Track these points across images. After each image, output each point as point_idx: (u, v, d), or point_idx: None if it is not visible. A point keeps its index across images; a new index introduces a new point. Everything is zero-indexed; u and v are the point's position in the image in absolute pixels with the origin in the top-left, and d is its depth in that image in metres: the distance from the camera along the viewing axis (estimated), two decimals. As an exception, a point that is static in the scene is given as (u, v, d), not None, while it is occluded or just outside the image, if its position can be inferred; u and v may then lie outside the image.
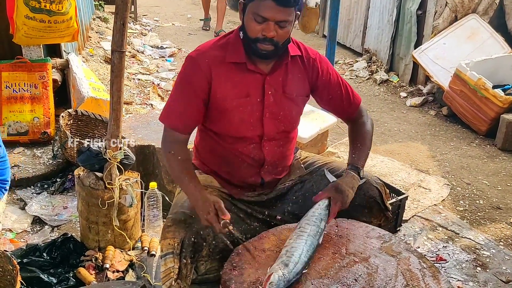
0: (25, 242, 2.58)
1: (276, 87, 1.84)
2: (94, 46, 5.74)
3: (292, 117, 1.93)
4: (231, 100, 1.80)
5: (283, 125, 1.90)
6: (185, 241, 1.66)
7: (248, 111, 1.82)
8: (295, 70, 1.87)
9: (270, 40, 1.70)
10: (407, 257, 1.70)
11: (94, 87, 3.71)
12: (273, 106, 1.84)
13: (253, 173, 1.94)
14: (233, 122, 1.83)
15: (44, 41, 3.59)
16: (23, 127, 3.53)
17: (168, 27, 8.66)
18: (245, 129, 1.85)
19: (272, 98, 1.83)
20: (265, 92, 1.82)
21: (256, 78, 1.81)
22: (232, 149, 1.89)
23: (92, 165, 2.41)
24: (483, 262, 2.54)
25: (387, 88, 5.54)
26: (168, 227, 1.71)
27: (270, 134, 1.88)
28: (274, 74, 1.83)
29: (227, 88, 1.79)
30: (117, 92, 2.27)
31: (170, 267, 1.67)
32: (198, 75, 1.78)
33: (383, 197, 1.94)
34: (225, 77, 1.79)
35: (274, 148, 1.92)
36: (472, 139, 4.17)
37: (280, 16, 1.66)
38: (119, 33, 2.18)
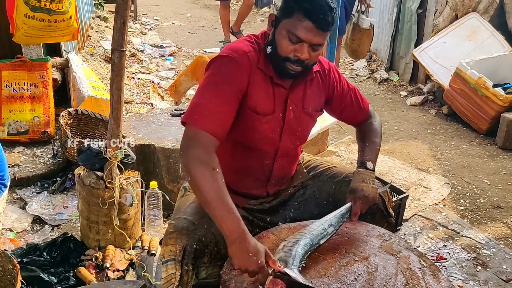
0: (25, 242, 2.58)
1: (296, 102, 1.77)
2: (94, 45, 5.74)
3: (307, 132, 1.90)
4: (261, 114, 1.72)
5: (298, 141, 1.88)
6: (187, 248, 1.64)
7: (270, 127, 1.76)
8: (313, 85, 1.82)
9: (301, 61, 1.62)
10: (407, 256, 1.70)
11: (94, 86, 3.71)
12: (292, 122, 1.79)
13: (258, 186, 1.92)
14: (256, 136, 1.75)
15: (44, 40, 3.59)
16: (23, 126, 3.53)
17: (168, 26, 8.66)
18: (264, 143, 1.79)
19: (293, 114, 1.77)
20: (287, 107, 1.76)
21: (281, 92, 1.75)
22: (244, 160, 1.83)
23: (93, 164, 2.41)
24: (483, 261, 2.54)
25: (387, 87, 5.53)
26: (170, 233, 1.69)
27: (285, 150, 1.84)
28: (295, 90, 1.77)
29: (259, 96, 1.69)
30: (118, 91, 2.26)
31: (171, 274, 1.65)
32: (241, 75, 1.65)
33: (386, 204, 1.93)
34: (259, 83, 1.69)
35: (285, 164, 1.90)
36: (473, 138, 4.17)
37: (317, 39, 1.58)
38: (119, 32, 2.18)
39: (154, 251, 2.47)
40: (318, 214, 1.84)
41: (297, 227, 1.81)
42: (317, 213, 1.86)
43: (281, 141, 1.81)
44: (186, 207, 1.78)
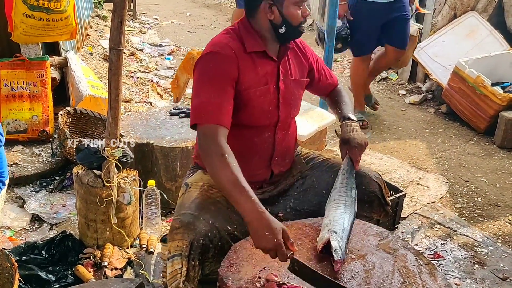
0: (24, 240, 2.59)
1: (285, 73, 1.90)
2: (93, 44, 5.74)
3: (299, 100, 2.01)
4: (255, 89, 1.82)
5: (293, 110, 1.97)
6: (194, 243, 1.65)
7: (267, 100, 1.86)
8: (293, 54, 1.95)
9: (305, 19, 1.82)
10: (404, 254, 1.71)
11: (92, 85, 3.71)
12: (286, 92, 1.90)
13: (263, 166, 1.97)
14: (254, 112, 1.85)
15: (43, 39, 3.59)
16: (22, 125, 3.53)
17: (167, 25, 8.66)
18: (263, 118, 1.88)
19: (284, 84, 1.89)
20: (279, 78, 1.88)
21: (272, 65, 1.87)
22: (246, 141, 1.89)
23: (91, 163, 2.42)
24: (480, 259, 2.55)
25: (386, 86, 5.54)
26: (177, 229, 1.70)
27: (283, 120, 1.93)
28: (283, 61, 1.90)
29: (250, 77, 1.81)
30: (115, 90, 2.26)
31: (177, 269, 1.67)
32: (230, 66, 1.75)
33: (383, 192, 1.96)
34: (249, 66, 1.81)
35: (283, 136, 1.97)
36: (471, 137, 4.17)
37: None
38: (117, 31, 2.18)
39: (152, 249, 2.48)
40: (318, 203, 1.89)
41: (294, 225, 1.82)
42: (316, 202, 1.90)
43: (279, 111, 1.90)
44: (190, 203, 1.80)
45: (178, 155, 2.81)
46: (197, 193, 1.84)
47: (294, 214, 1.96)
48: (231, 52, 1.77)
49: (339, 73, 6.05)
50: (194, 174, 2.01)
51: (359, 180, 1.92)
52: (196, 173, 2.01)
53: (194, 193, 1.85)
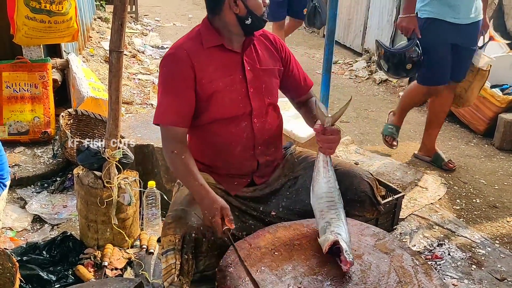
0: (25, 241, 2.61)
1: (252, 62, 1.95)
2: (94, 46, 5.77)
3: (273, 88, 2.03)
4: (217, 81, 1.88)
5: (268, 98, 1.99)
6: (186, 236, 1.68)
7: (235, 90, 1.91)
8: (262, 45, 2.01)
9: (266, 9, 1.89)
10: (400, 254, 1.72)
11: (94, 86, 3.74)
12: (254, 81, 1.94)
13: (248, 157, 1.99)
14: (224, 103, 1.90)
15: (44, 41, 3.62)
16: (23, 126, 3.56)
17: (169, 27, 8.70)
18: (236, 108, 1.92)
19: (252, 74, 1.93)
20: (244, 68, 1.92)
21: (234, 57, 1.92)
22: (225, 134, 1.94)
23: (91, 164, 2.44)
24: (478, 260, 2.56)
25: (386, 88, 5.56)
26: (169, 224, 1.74)
27: (258, 108, 1.95)
28: (247, 51, 1.94)
29: (210, 71, 1.87)
30: (115, 91, 2.29)
31: (172, 264, 1.69)
32: (181, 66, 1.85)
33: (374, 192, 1.97)
34: (206, 62, 1.87)
35: (262, 124, 1.98)
36: (470, 139, 4.19)
37: None
38: (117, 33, 2.21)
39: (152, 250, 2.50)
40: (309, 204, 1.89)
41: (292, 226, 1.84)
42: (308, 202, 1.90)
43: (250, 100, 1.94)
44: (182, 199, 1.85)
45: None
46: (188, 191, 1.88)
47: (286, 213, 1.98)
48: (183, 53, 1.85)
49: (340, 75, 6.07)
50: None
51: (349, 180, 1.93)
52: None
53: (186, 191, 1.89)
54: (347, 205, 1.88)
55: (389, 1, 5.90)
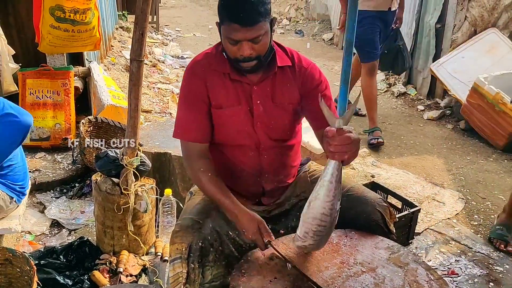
0: (43, 245, 2.66)
1: (264, 96, 1.84)
2: (116, 55, 5.87)
3: (285, 126, 1.91)
4: (226, 108, 1.83)
5: (277, 134, 1.90)
6: (193, 245, 1.69)
7: (241, 120, 1.84)
8: (284, 79, 1.86)
9: (249, 58, 1.70)
10: (415, 269, 1.71)
11: (114, 95, 3.80)
12: (263, 116, 1.85)
13: (253, 182, 1.95)
14: (230, 132, 1.86)
15: (68, 49, 3.71)
16: (45, 132, 3.64)
17: (189, 37, 8.80)
18: (242, 138, 1.87)
19: (262, 108, 1.84)
20: (253, 102, 1.84)
21: (244, 87, 1.83)
22: (232, 158, 1.91)
23: (109, 170, 2.48)
24: (496, 278, 2.52)
25: (404, 101, 5.53)
26: (176, 232, 1.75)
27: (265, 143, 1.89)
28: (261, 84, 1.83)
29: (221, 95, 1.82)
30: (135, 100, 2.33)
31: (178, 272, 1.70)
32: (198, 83, 1.82)
33: (386, 221, 1.92)
34: (218, 84, 1.82)
35: (272, 156, 1.92)
36: (489, 154, 4.13)
37: (250, 34, 1.66)
38: (138, 42, 2.26)
39: (166, 257, 2.51)
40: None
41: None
42: None
43: (257, 134, 1.87)
44: (192, 208, 1.85)
45: (195, 165, 2.85)
46: (200, 199, 1.89)
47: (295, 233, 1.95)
48: (200, 69, 1.82)
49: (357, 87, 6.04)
50: None
51: (361, 207, 1.87)
52: None
53: (197, 199, 1.90)
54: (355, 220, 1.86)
55: (408, 14, 5.88)
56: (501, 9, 4.90)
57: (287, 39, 9.02)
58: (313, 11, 9.82)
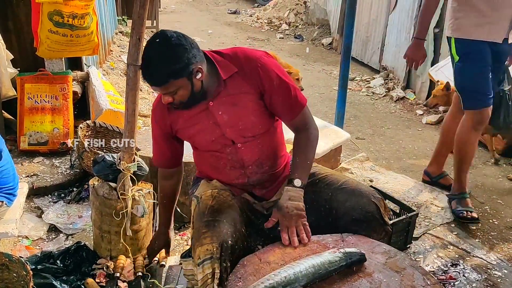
0: (40, 249, 2.65)
1: (224, 106, 1.89)
2: (115, 59, 5.88)
3: (254, 122, 1.92)
4: (189, 129, 1.97)
5: (249, 132, 1.92)
6: (224, 244, 1.70)
7: (210, 133, 1.93)
8: (236, 85, 1.89)
9: (172, 103, 1.84)
10: (412, 273, 1.70)
11: (112, 99, 3.80)
12: (229, 122, 1.90)
13: (238, 175, 1.99)
14: (202, 142, 1.98)
15: (66, 54, 3.72)
16: (43, 137, 3.64)
17: (189, 43, 8.79)
18: (216, 145, 1.95)
19: (226, 116, 1.90)
20: (214, 115, 1.90)
21: (200, 107, 1.90)
22: (214, 157, 2.00)
23: (107, 175, 2.47)
24: (494, 282, 2.51)
25: (403, 106, 5.53)
26: (204, 233, 1.74)
27: (239, 140, 1.94)
28: (217, 98, 1.89)
29: (180, 123, 1.97)
30: (132, 104, 2.33)
31: (208, 273, 1.69)
32: (159, 121, 2.03)
33: (381, 212, 1.93)
34: (176, 115, 1.96)
35: (251, 149, 1.95)
36: (488, 158, 4.12)
37: (161, 90, 1.81)
38: (135, 47, 2.26)
39: (164, 262, 2.51)
40: (315, 221, 1.88)
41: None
42: (314, 219, 1.88)
43: (230, 137, 1.94)
44: (208, 209, 1.86)
45: (192, 170, 2.85)
46: (211, 200, 1.91)
47: None
48: (159, 112, 2.01)
49: (357, 92, 6.07)
50: (198, 186, 2.08)
51: (356, 199, 1.89)
52: (200, 184, 2.09)
53: (208, 201, 1.91)
54: (354, 224, 1.87)
55: (407, 18, 5.90)
56: (499, 14, 4.90)
57: (286, 43, 9.04)
58: (313, 16, 9.85)
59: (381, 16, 6.74)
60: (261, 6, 12.14)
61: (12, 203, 2.57)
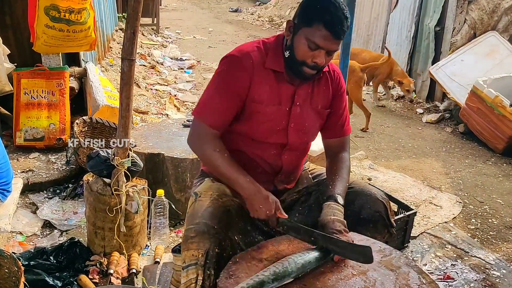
0: (34, 245, 2.62)
1: (304, 98, 1.85)
2: (114, 56, 5.86)
3: (315, 129, 1.93)
4: (266, 105, 1.81)
5: (306, 137, 1.91)
6: (210, 252, 1.65)
7: (277, 119, 1.83)
8: (321, 83, 1.88)
9: (317, 66, 1.72)
10: (407, 272, 1.67)
11: (109, 95, 3.77)
12: (299, 117, 1.85)
13: (266, 180, 1.93)
14: (262, 127, 1.83)
15: (63, 49, 3.68)
16: (39, 133, 3.61)
17: (189, 40, 8.79)
18: (271, 136, 1.85)
19: (299, 109, 1.84)
20: (294, 102, 1.83)
21: (288, 87, 1.82)
22: (252, 153, 1.89)
23: (101, 171, 2.44)
24: (492, 283, 2.48)
25: (403, 104, 5.50)
26: (192, 238, 1.68)
27: (293, 144, 1.88)
28: (303, 86, 1.83)
29: (264, 92, 1.79)
30: (126, 99, 2.30)
31: (192, 278, 1.65)
32: (242, 73, 1.76)
33: (388, 213, 1.91)
34: (264, 81, 1.79)
35: (292, 158, 1.93)
36: (488, 157, 4.10)
37: (333, 46, 1.69)
38: (130, 41, 2.22)
39: (158, 259, 2.48)
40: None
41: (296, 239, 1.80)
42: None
43: (288, 134, 1.85)
44: (203, 212, 1.78)
45: (188, 166, 2.83)
46: (208, 202, 1.83)
47: None
48: (249, 62, 1.76)
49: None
50: (202, 183, 2.01)
51: (364, 199, 1.87)
52: (204, 181, 2.00)
53: (205, 202, 1.84)
54: (359, 224, 1.84)
55: (408, 17, 5.87)
56: (501, 12, 4.88)
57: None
58: (314, 14, 9.81)
59: (382, 15, 6.70)
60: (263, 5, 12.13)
61: (6, 198, 2.54)
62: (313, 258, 1.63)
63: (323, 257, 1.65)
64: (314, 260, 1.62)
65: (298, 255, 1.61)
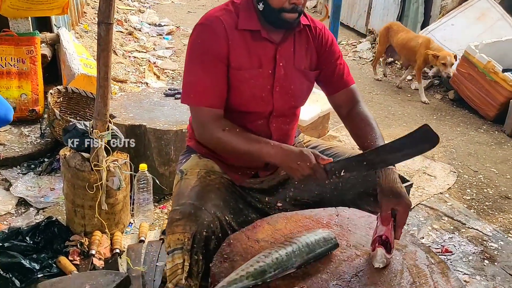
0: (8, 225, 2.46)
1: (287, 58, 1.70)
2: (89, 22, 5.56)
3: (302, 92, 1.78)
4: (245, 70, 1.65)
5: (293, 100, 1.76)
6: (197, 235, 1.52)
7: (259, 84, 1.68)
8: (303, 40, 1.74)
9: (295, 8, 1.59)
10: (414, 251, 1.56)
11: (86, 63, 3.55)
12: (283, 80, 1.70)
13: None
14: (244, 96, 1.68)
15: (32, 13, 3.43)
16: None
17: (167, 5, 8.47)
18: (255, 104, 1.70)
19: (283, 71, 1.69)
20: (276, 63, 1.68)
21: (268, 47, 1.67)
22: (238, 125, 1.70)
23: (79, 145, 2.27)
24: (491, 255, 2.41)
25: (391, 70, 5.38)
26: (177, 220, 1.55)
27: (279, 109, 1.74)
28: (285, 44, 1.69)
29: (242, 56, 1.64)
30: (104, 67, 2.11)
31: (178, 263, 1.53)
32: (216, 40, 1.61)
33: None
34: (240, 44, 1.64)
35: (280, 125, 1.79)
36: (480, 125, 4.02)
37: None
38: (106, 3, 2.03)
39: (143, 237, 2.35)
40: (319, 194, 1.76)
41: (293, 216, 1.68)
42: (318, 192, 1.75)
43: (273, 99, 1.71)
44: (189, 191, 1.65)
45: (172, 138, 2.66)
46: (195, 181, 1.70)
47: (293, 204, 1.81)
48: (221, 26, 1.61)
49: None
50: (188, 159, 1.86)
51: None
52: (191, 158, 1.86)
53: (192, 181, 1.70)
54: (359, 198, 1.74)
55: (396, -20, 5.69)
56: (492, -26, 4.74)
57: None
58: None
59: (369, -23, 6.50)
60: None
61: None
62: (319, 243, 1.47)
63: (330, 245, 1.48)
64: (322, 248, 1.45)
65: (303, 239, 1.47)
